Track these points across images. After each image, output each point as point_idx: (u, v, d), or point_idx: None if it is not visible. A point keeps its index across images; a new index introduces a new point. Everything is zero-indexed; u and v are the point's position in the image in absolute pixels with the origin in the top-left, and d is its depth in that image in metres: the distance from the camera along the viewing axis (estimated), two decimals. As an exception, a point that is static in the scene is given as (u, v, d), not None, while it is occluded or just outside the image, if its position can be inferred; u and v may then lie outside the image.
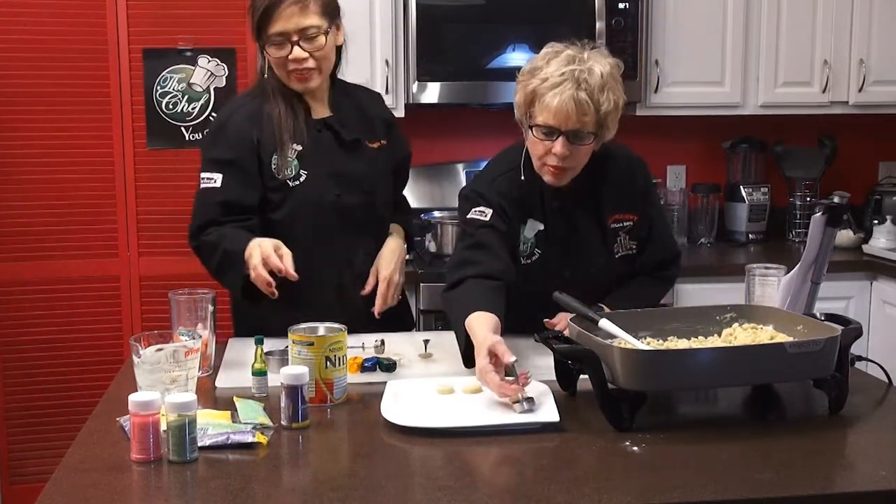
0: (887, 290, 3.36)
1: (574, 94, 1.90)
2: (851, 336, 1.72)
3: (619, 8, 3.38)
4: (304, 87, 2.19)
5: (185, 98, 3.40)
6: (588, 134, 1.96)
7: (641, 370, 1.60)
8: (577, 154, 1.98)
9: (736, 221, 3.83)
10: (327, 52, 2.18)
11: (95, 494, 1.35)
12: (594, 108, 1.92)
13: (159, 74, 3.31)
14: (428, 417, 1.63)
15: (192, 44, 3.33)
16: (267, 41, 2.13)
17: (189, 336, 1.80)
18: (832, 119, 3.81)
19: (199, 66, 3.39)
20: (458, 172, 3.77)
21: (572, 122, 1.92)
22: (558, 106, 1.91)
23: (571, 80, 1.91)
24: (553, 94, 1.91)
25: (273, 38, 2.12)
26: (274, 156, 2.17)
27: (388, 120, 2.38)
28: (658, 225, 2.23)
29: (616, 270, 2.16)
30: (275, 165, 2.17)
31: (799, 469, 1.45)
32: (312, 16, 2.12)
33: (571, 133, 1.94)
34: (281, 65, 2.15)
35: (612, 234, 2.15)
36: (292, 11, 2.09)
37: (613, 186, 2.13)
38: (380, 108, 2.40)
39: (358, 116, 2.29)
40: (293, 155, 2.18)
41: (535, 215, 2.10)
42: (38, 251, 3.28)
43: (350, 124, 2.26)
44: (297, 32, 2.11)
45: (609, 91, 1.94)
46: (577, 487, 1.37)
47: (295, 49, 2.12)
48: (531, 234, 2.10)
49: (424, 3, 3.31)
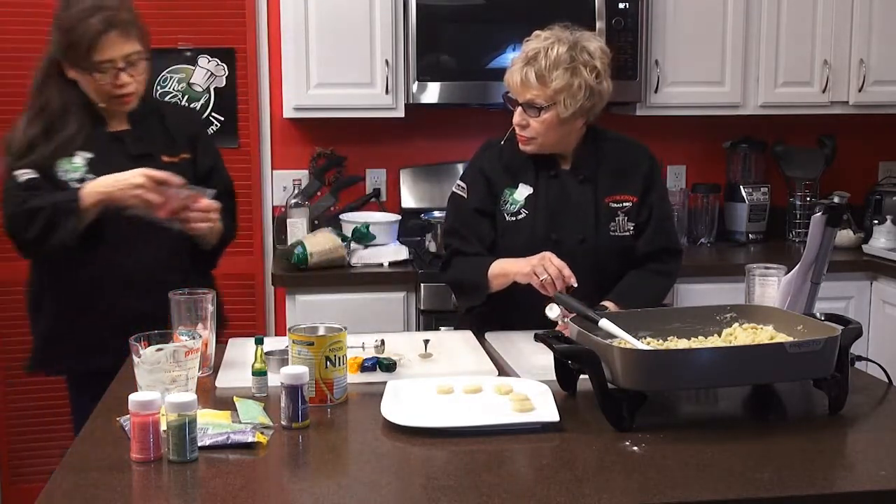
0: (887, 290, 3.36)
1: (524, 68, 2.15)
2: (851, 336, 1.72)
3: (619, 8, 3.38)
4: (126, 109, 2.27)
5: (185, 98, 3.40)
6: (539, 107, 2.16)
7: (641, 370, 1.60)
8: (535, 125, 2.18)
9: (736, 221, 3.83)
10: (146, 76, 2.27)
11: (95, 494, 1.36)
12: (543, 82, 2.14)
13: (159, 74, 3.31)
14: (428, 417, 1.63)
15: (192, 44, 3.33)
16: (92, 68, 2.17)
17: (189, 336, 1.80)
18: (832, 119, 3.81)
19: (199, 66, 3.40)
20: (458, 172, 3.76)
21: (525, 92, 2.16)
22: (512, 79, 2.19)
23: (524, 56, 2.17)
24: (510, 71, 2.20)
25: (100, 65, 2.17)
26: (62, 161, 2.20)
27: (193, 134, 2.41)
28: (658, 214, 2.29)
29: (610, 247, 2.24)
30: (63, 170, 2.20)
31: (799, 469, 1.45)
32: (135, 42, 2.21)
33: (526, 104, 2.17)
34: (105, 90, 2.21)
35: (609, 212, 2.25)
36: (117, 39, 2.16)
37: (613, 168, 2.28)
38: (186, 123, 2.44)
39: (159, 131, 2.34)
40: (81, 161, 2.21)
41: (527, 181, 2.27)
42: (38, 251, 3.27)
43: (145, 139, 2.30)
44: (123, 59, 2.18)
45: (565, 71, 2.13)
46: (577, 487, 1.37)
47: (121, 75, 2.19)
48: (521, 197, 2.27)
49: (424, 3, 3.31)
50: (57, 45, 2.21)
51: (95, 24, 2.14)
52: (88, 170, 2.21)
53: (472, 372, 1.92)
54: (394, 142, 3.72)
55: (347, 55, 3.31)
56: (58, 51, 2.21)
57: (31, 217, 2.15)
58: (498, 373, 1.93)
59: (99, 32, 2.14)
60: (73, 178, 2.20)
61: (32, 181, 2.19)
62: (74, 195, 2.13)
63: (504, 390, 1.76)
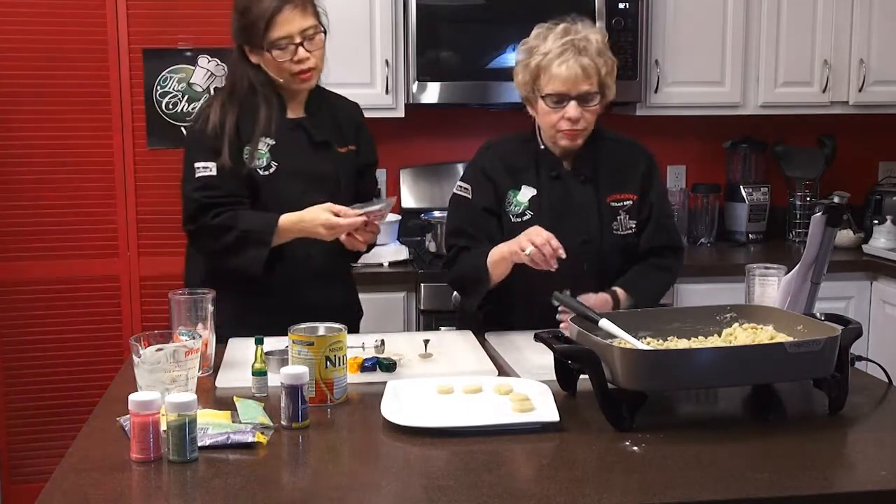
0: (887, 290, 3.36)
1: (578, 59, 2.11)
2: (851, 336, 1.72)
3: (619, 8, 3.38)
4: (307, 86, 2.28)
5: (185, 98, 3.40)
6: (594, 94, 2.15)
7: (641, 370, 1.60)
8: (587, 115, 2.16)
9: (736, 221, 3.83)
10: (323, 52, 2.27)
11: (95, 494, 1.36)
12: (596, 70, 2.13)
13: (159, 74, 3.31)
14: (428, 417, 1.63)
15: (192, 44, 3.33)
16: (271, 46, 2.19)
17: (189, 336, 1.80)
18: (832, 119, 3.81)
19: (199, 66, 3.39)
20: (458, 172, 3.77)
21: (580, 85, 2.12)
22: (566, 74, 2.11)
23: (573, 49, 2.12)
24: (559, 64, 2.11)
25: (278, 42, 2.18)
26: (247, 146, 2.24)
27: (359, 124, 2.45)
28: (658, 212, 2.30)
29: (613, 246, 2.24)
30: (247, 155, 2.24)
31: (799, 469, 1.45)
32: (310, 17, 2.22)
33: (580, 97, 2.13)
34: (284, 67, 2.22)
35: (611, 211, 2.25)
36: (294, 14, 2.18)
37: (613, 167, 2.28)
38: (354, 112, 2.46)
39: (330, 120, 2.37)
40: (265, 148, 2.24)
41: (529, 182, 2.26)
42: (38, 251, 3.28)
43: (322, 127, 2.33)
44: (300, 34, 2.19)
45: (604, 55, 2.16)
46: (577, 487, 1.37)
47: (300, 50, 2.20)
48: (524, 199, 2.25)
49: (424, 3, 3.31)
50: (236, 29, 2.24)
51: (269, 1, 2.17)
52: (271, 157, 2.25)
53: (472, 372, 1.92)
54: (394, 142, 3.72)
55: (347, 55, 3.31)
56: (238, 35, 2.24)
57: (220, 233, 2.19)
58: (498, 373, 1.93)
59: (274, 10, 2.17)
60: (258, 164, 2.23)
61: (210, 180, 2.21)
62: (262, 223, 2.18)
63: (504, 390, 1.76)
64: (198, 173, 2.22)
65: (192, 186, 2.23)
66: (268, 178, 2.25)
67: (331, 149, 2.33)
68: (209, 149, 2.23)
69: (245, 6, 2.21)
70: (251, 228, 2.19)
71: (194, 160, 2.24)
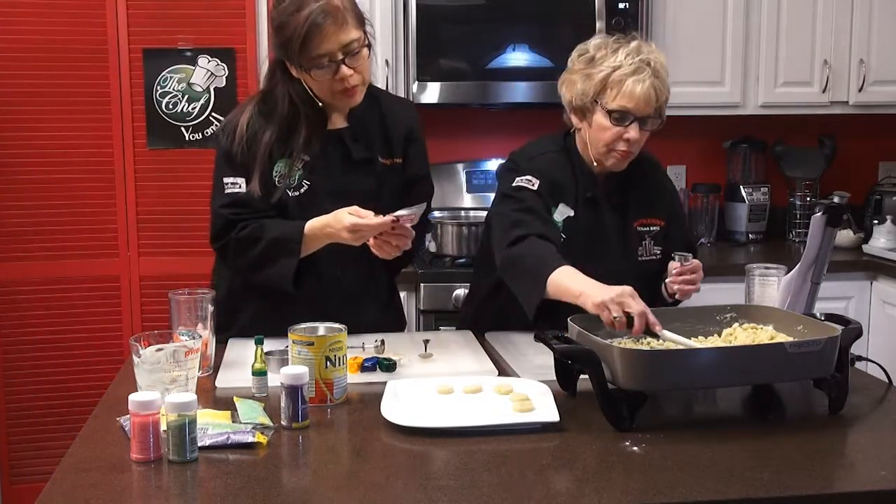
0: (887, 290, 3.36)
1: (653, 81, 2.03)
2: (851, 336, 1.72)
3: (619, 8, 3.38)
4: (353, 103, 2.11)
5: (185, 98, 3.40)
6: (655, 119, 2.07)
7: (641, 370, 1.60)
8: (643, 138, 2.09)
9: (736, 221, 3.83)
10: (368, 64, 2.09)
11: (95, 494, 1.35)
12: (663, 95, 2.06)
13: (159, 74, 3.31)
14: (428, 417, 1.63)
15: (192, 44, 3.33)
16: (311, 64, 2.01)
17: (189, 336, 1.80)
18: (832, 119, 3.81)
19: (199, 66, 3.39)
20: (458, 172, 3.77)
21: (648, 107, 2.04)
22: (641, 93, 2.02)
23: (650, 69, 2.03)
24: (635, 81, 2.02)
25: (318, 61, 2.01)
26: (279, 163, 2.12)
27: (409, 133, 2.25)
28: (676, 231, 2.25)
29: (637, 274, 2.12)
30: (278, 173, 2.12)
31: (799, 469, 1.45)
32: (352, 29, 2.01)
33: (643, 119, 2.05)
34: (326, 87, 2.05)
35: (636, 237, 2.19)
36: (334, 29, 1.98)
37: (643, 191, 2.21)
38: (406, 118, 2.27)
39: (378, 129, 2.21)
40: (300, 165, 2.12)
41: (567, 201, 2.16)
42: (38, 251, 3.28)
43: (365, 138, 2.19)
44: (341, 50, 2.01)
45: (667, 81, 2.08)
46: (577, 487, 1.37)
47: (342, 68, 2.02)
48: (560, 218, 2.15)
49: (424, 3, 3.31)
50: (275, 45, 2.07)
51: (305, 17, 1.96)
52: (304, 175, 2.12)
53: (472, 372, 1.92)
54: (394, 142, 3.72)
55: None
56: (277, 50, 2.07)
57: (248, 245, 2.09)
58: (498, 373, 1.93)
59: (311, 26, 1.96)
60: (289, 184, 2.11)
61: (239, 196, 2.10)
62: (290, 232, 2.06)
63: (504, 390, 1.76)
64: (227, 189, 2.12)
65: (220, 203, 2.13)
66: (297, 198, 2.12)
67: (373, 163, 2.17)
68: (238, 164, 2.11)
69: (281, 23, 2.01)
70: (278, 237, 2.06)
71: (223, 175, 2.13)
